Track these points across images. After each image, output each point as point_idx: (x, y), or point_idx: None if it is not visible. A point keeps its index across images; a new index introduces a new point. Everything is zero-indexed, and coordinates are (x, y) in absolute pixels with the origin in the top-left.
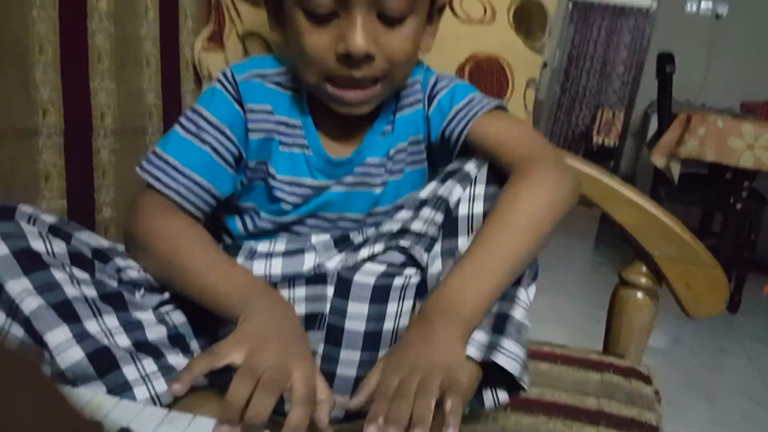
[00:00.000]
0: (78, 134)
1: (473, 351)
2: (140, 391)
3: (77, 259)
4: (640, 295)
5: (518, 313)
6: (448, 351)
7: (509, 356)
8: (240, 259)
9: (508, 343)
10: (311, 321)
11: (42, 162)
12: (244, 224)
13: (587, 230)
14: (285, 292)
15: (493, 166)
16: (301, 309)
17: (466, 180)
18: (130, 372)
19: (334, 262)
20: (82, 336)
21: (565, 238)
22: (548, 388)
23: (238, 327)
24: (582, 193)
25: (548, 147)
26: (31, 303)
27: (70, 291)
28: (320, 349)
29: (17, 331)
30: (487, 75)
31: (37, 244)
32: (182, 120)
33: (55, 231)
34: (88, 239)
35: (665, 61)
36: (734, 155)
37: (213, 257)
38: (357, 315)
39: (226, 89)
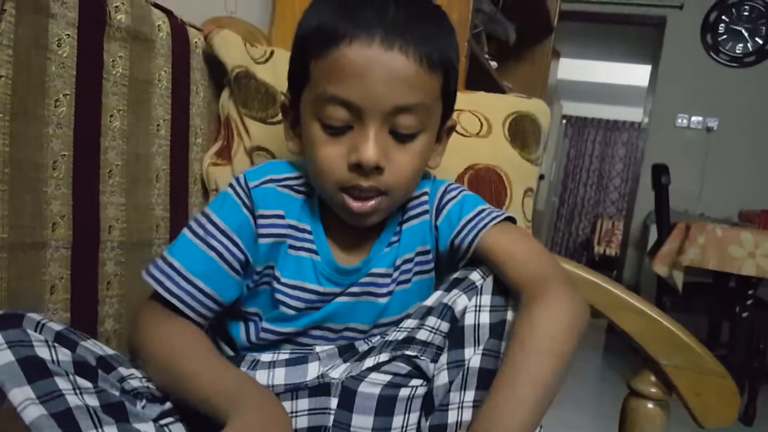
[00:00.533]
0: (85, 247)
1: None
2: None
3: (81, 367)
4: (650, 405)
5: None
6: None
7: None
8: (243, 369)
9: None
10: None
11: (48, 274)
12: (248, 332)
13: (595, 341)
14: (287, 404)
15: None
16: (303, 422)
17: (472, 290)
18: None
19: (338, 371)
20: None
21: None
22: None
23: (229, 427)
24: (588, 302)
25: (556, 265)
26: (32, 412)
27: (73, 400)
28: None
29: None
30: (486, 184)
31: (43, 352)
32: (192, 224)
33: (61, 339)
34: (93, 347)
35: (660, 172)
36: (736, 263)
37: (207, 359)
38: (362, 428)
39: (238, 195)
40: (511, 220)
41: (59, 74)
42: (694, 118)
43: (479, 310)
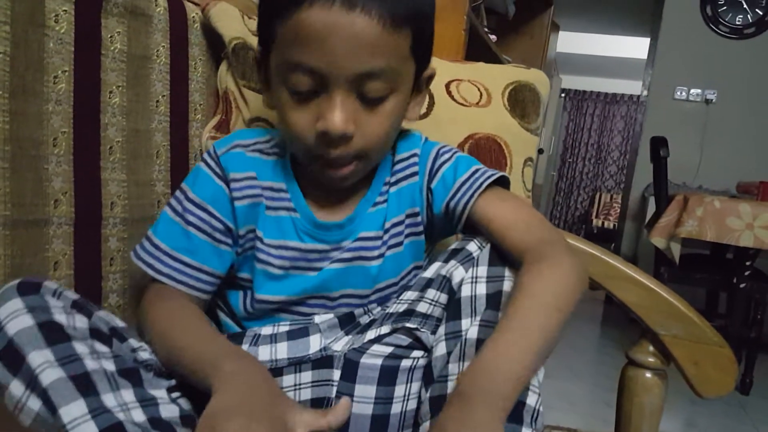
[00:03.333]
0: (88, 223)
1: None
2: None
3: (97, 334)
4: (648, 374)
5: (532, 400)
6: None
7: None
8: (245, 346)
9: None
10: (318, 406)
11: (51, 250)
12: (244, 301)
13: (592, 313)
14: (291, 378)
15: (495, 247)
16: (307, 394)
17: (469, 261)
18: None
19: (341, 344)
20: (98, 411)
21: (571, 322)
22: None
23: (209, 404)
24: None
25: (558, 232)
26: (50, 374)
27: (90, 364)
28: None
29: (34, 403)
30: (486, 153)
31: (61, 318)
32: (171, 201)
33: (77, 306)
34: (105, 317)
35: (659, 144)
36: (734, 235)
37: (196, 332)
38: (364, 398)
39: (209, 166)
40: (505, 179)
41: (57, 50)
42: (693, 91)
43: (476, 282)
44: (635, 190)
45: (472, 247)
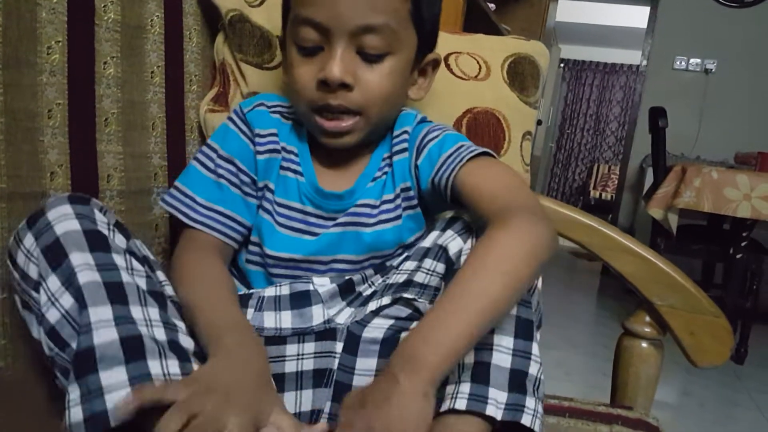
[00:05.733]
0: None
1: (493, 410)
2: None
3: (133, 255)
4: (644, 344)
5: (534, 369)
6: (406, 411)
7: (531, 414)
8: (251, 311)
9: (530, 401)
10: (319, 377)
11: None
12: (247, 252)
13: (589, 284)
14: (294, 347)
15: None
16: (309, 365)
17: (464, 231)
18: (154, 366)
19: (344, 316)
20: (122, 320)
21: (568, 293)
22: None
23: (200, 367)
24: (584, 244)
25: (527, 197)
26: (87, 275)
27: (125, 276)
28: (327, 407)
29: (67, 300)
30: (485, 127)
31: (104, 230)
32: (199, 156)
33: (119, 227)
34: (141, 247)
35: (657, 114)
36: (731, 205)
37: (210, 293)
38: (365, 371)
39: (236, 125)
40: (488, 155)
41: (50, 20)
42: (692, 60)
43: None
44: (633, 161)
45: (468, 216)
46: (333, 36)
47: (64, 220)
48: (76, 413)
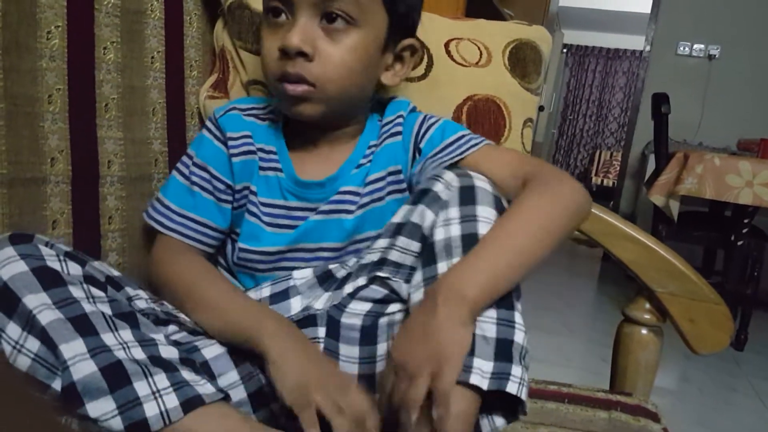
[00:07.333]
0: (85, 182)
1: (478, 379)
2: (150, 407)
3: (92, 280)
4: (644, 331)
5: (519, 337)
6: (448, 340)
7: (517, 382)
8: None
9: (515, 369)
10: None
11: (50, 209)
12: (233, 252)
13: (590, 270)
14: None
15: (465, 188)
16: None
17: (436, 203)
18: (141, 388)
19: (321, 301)
20: (97, 350)
21: (568, 279)
22: (555, 427)
23: (271, 365)
24: (584, 230)
25: (551, 164)
26: (47, 315)
27: (87, 307)
28: None
29: (32, 344)
30: (485, 115)
31: (54, 265)
32: (179, 165)
33: (70, 256)
34: (100, 267)
35: (660, 100)
36: (733, 192)
37: (223, 288)
38: (350, 357)
39: (210, 131)
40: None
41: (50, 5)
42: (696, 46)
43: (448, 224)
44: (635, 148)
45: (439, 187)
46: (296, 7)
47: (8, 263)
48: None
